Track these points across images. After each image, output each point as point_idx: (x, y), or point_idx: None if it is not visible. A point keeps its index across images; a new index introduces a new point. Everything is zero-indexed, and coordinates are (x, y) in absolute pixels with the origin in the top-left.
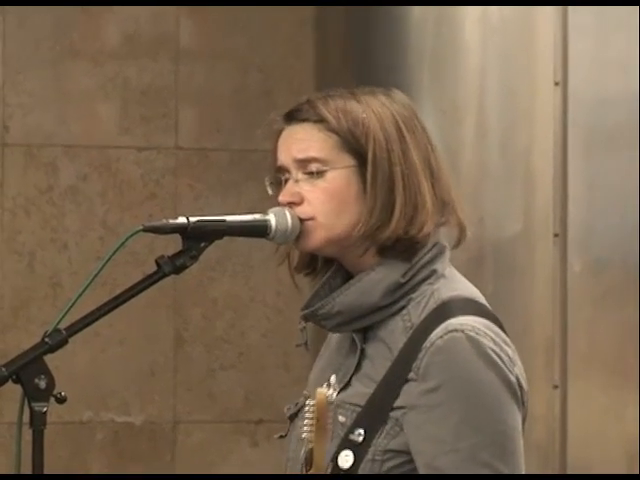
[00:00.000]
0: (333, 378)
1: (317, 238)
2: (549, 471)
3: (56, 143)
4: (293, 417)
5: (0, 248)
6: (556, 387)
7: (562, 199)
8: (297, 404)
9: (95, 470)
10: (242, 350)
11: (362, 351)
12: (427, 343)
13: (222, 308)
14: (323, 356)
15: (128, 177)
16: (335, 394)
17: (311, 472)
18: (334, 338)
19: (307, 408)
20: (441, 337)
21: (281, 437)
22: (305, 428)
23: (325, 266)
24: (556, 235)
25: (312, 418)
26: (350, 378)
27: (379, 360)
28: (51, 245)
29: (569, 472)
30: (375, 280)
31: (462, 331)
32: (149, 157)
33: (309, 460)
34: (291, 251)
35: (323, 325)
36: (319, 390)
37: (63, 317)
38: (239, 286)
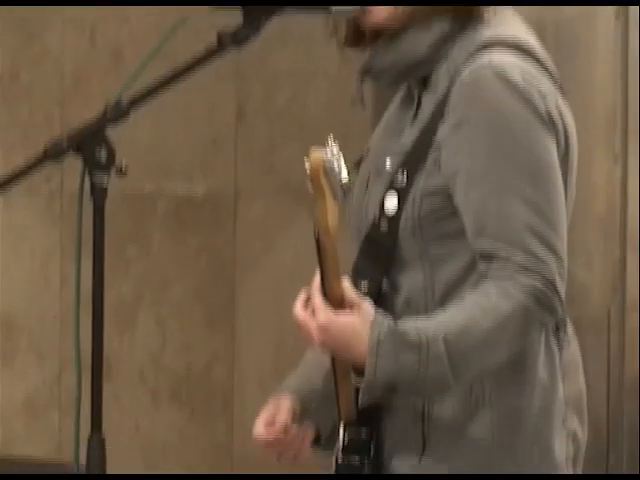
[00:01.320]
0: (331, 139)
1: (381, 13)
2: (609, 243)
3: None
4: (358, 165)
5: (61, 19)
6: (617, 160)
7: None
8: (361, 154)
9: (156, 241)
10: (303, 122)
11: (419, 102)
12: (458, 80)
13: (283, 80)
14: (384, 118)
15: None
16: (333, 155)
17: (321, 236)
18: (396, 100)
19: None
20: (470, 73)
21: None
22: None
23: (374, 37)
24: (617, 12)
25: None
26: (404, 128)
27: (428, 106)
28: (113, 17)
29: (628, 244)
30: (423, 32)
31: (490, 66)
32: None
33: (317, 225)
34: (339, 24)
35: (379, 80)
36: (313, 150)
37: (125, 90)
38: (301, 58)
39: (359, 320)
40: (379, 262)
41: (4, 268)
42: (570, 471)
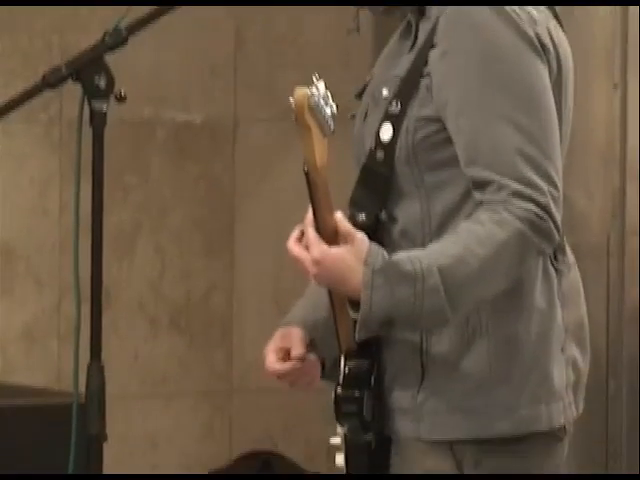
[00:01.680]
0: (316, 78)
1: None
2: (609, 171)
3: None
4: (360, 96)
5: None
6: (616, 88)
7: None
8: (364, 84)
9: (155, 168)
10: (302, 50)
11: (416, 31)
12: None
13: (283, 7)
14: (386, 48)
15: None
16: (318, 91)
17: (310, 172)
18: (396, 34)
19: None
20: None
21: (352, 117)
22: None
23: None
24: None
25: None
26: (402, 57)
27: (423, 34)
28: None
29: (628, 172)
30: None
31: None
32: None
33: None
34: None
35: (374, 9)
36: (297, 89)
37: (123, 17)
38: None
39: (353, 252)
40: (376, 193)
41: (3, 196)
42: (570, 398)
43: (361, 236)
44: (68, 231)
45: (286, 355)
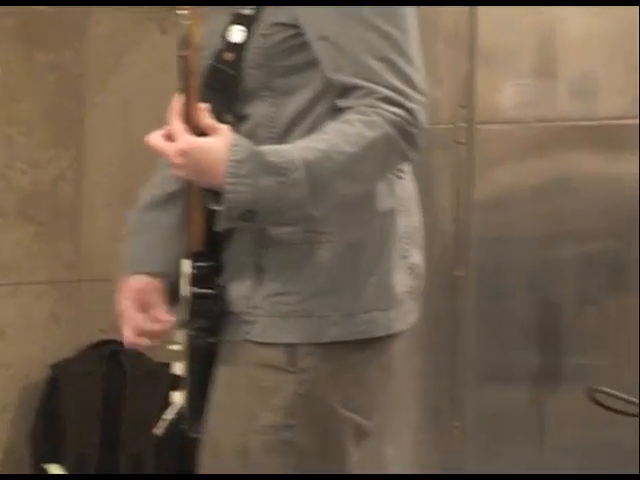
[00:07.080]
0: None
1: None
2: (459, 57)
3: None
4: None
5: None
6: None
7: None
8: None
9: (3, 57)
10: None
11: None
12: None
13: None
14: None
15: None
16: None
17: (189, 52)
18: None
19: None
20: None
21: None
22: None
23: None
24: None
25: None
26: None
27: None
28: None
29: (478, 58)
30: None
31: None
32: None
33: (186, 41)
34: None
35: None
36: None
37: None
38: None
39: (219, 142)
40: (223, 94)
41: None
42: (410, 304)
43: (226, 128)
44: None
45: (143, 306)
